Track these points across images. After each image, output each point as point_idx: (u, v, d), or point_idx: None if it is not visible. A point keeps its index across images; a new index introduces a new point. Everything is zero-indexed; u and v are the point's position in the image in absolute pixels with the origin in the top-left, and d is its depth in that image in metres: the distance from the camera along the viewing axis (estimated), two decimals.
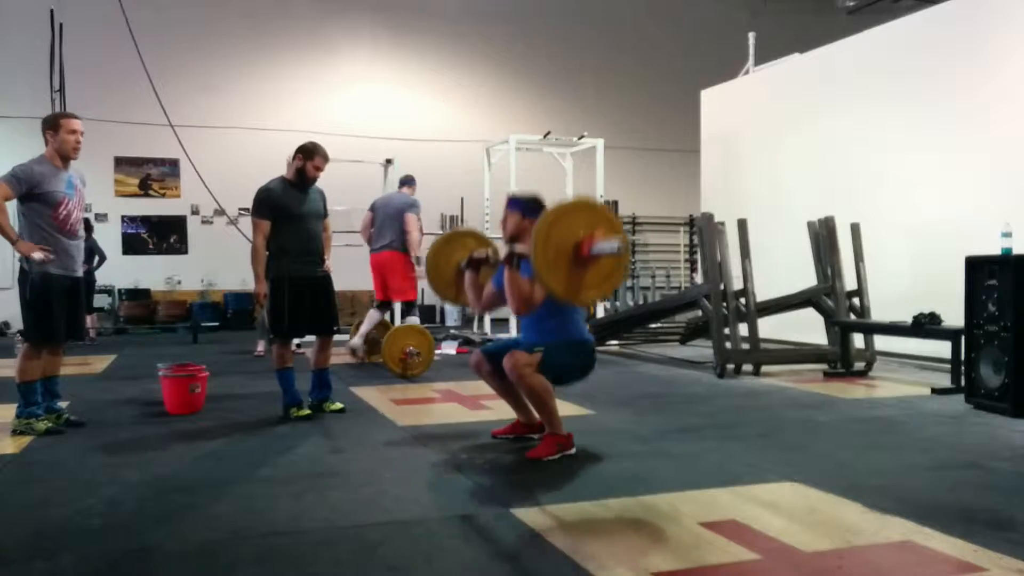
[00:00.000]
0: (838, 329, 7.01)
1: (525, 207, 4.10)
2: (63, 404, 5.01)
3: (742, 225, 7.13)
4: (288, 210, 5.03)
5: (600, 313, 11.39)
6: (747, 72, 10.41)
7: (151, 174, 13.41)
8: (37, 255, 4.49)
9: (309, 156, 5.07)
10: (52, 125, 4.64)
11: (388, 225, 7.71)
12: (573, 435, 4.08)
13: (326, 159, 5.12)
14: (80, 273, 4.81)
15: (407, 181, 8.21)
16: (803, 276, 7.60)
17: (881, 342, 7.27)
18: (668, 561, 2.60)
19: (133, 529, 2.99)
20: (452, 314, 13.64)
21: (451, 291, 4.61)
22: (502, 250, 4.11)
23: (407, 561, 2.64)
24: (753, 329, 6.96)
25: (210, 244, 13.41)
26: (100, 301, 11.96)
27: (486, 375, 4.27)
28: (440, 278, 4.59)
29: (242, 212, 10.95)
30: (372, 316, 7.82)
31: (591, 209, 3.87)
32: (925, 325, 6.12)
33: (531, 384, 3.93)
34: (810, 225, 7.51)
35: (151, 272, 13.29)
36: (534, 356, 3.94)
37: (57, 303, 4.60)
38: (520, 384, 3.97)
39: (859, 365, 6.98)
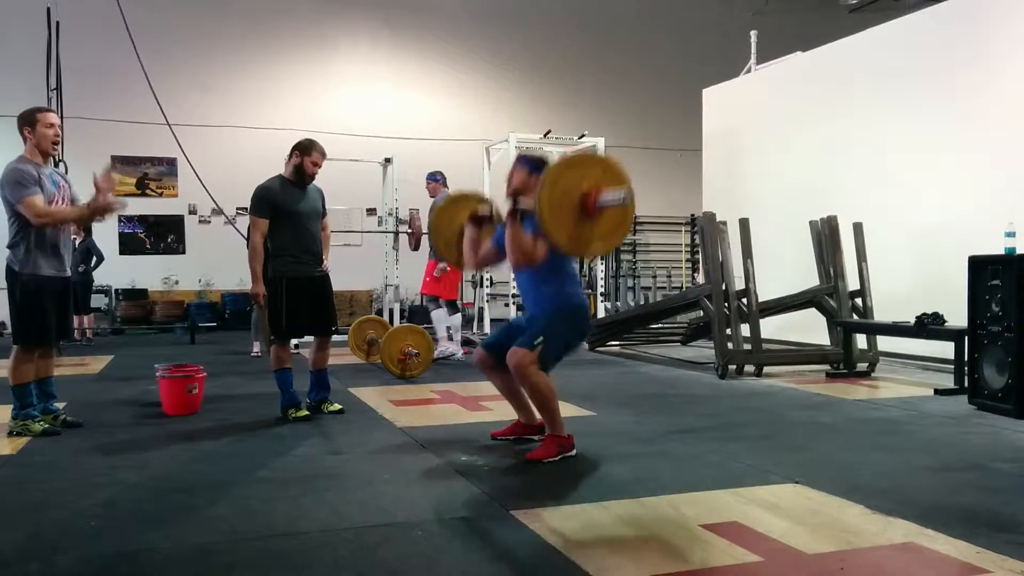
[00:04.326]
0: (840, 329, 6.99)
1: (533, 164, 4.10)
2: (60, 405, 4.98)
3: (744, 224, 7.10)
4: (287, 208, 5.00)
5: (601, 313, 11.37)
6: (749, 71, 10.39)
7: (148, 173, 13.39)
8: (117, 205, 4.55)
9: (306, 152, 5.04)
10: (29, 121, 4.56)
11: None
12: (573, 436, 4.06)
13: (323, 155, 5.10)
14: (69, 273, 4.76)
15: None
16: (805, 276, 7.58)
17: (884, 343, 7.25)
18: (669, 563, 2.58)
19: (130, 530, 2.97)
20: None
21: (452, 252, 4.61)
22: (504, 210, 4.11)
23: (406, 563, 2.61)
24: (755, 329, 6.93)
25: (208, 244, 13.38)
26: (97, 301, 11.93)
27: (489, 371, 4.26)
28: (442, 238, 4.61)
29: (240, 212, 10.91)
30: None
31: (596, 162, 3.89)
32: (928, 325, 6.10)
33: (535, 383, 3.92)
34: (812, 225, 7.48)
35: (148, 272, 13.27)
36: (536, 351, 3.91)
37: (48, 305, 4.55)
38: (524, 383, 3.97)
39: (862, 366, 6.96)
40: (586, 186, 3.73)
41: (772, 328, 8.09)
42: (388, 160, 10.70)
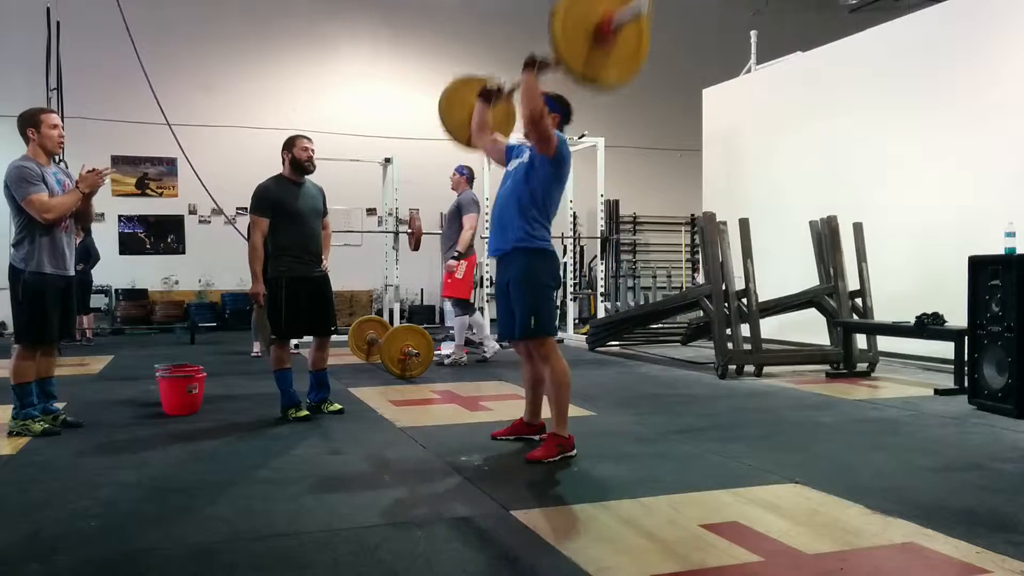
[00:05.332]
0: (840, 330, 6.99)
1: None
2: (60, 405, 4.98)
3: (744, 225, 7.10)
4: (287, 207, 5.00)
5: (601, 313, 11.38)
6: (749, 71, 10.38)
7: (148, 173, 13.38)
8: (102, 174, 4.59)
9: (291, 145, 5.09)
10: (33, 122, 4.58)
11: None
12: (574, 437, 4.06)
13: (309, 139, 5.14)
14: (72, 272, 4.78)
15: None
16: (805, 276, 7.58)
17: (884, 343, 7.25)
18: (669, 563, 2.58)
19: (130, 531, 2.97)
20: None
21: (463, 132, 4.59)
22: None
23: (406, 563, 2.61)
24: (755, 329, 6.93)
25: (207, 244, 13.37)
26: (97, 301, 11.93)
27: (525, 357, 4.31)
28: (452, 119, 4.60)
29: (240, 212, 10.92)
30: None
31: None
32: (928, 326, 6.09)
33: (555, 366, 4.04)
34: (812, 225, 7.49)
35: (148, 272, 13.26)
36: (543, 336, 4.04)
37: (51, 303, 4.56)
38: (545, 364, 4.06)
39: (862, 366, 6.96)
40: (601, 11, 3.66)
41: (772, 328, 8.09)
42: (388, 160, 10.71)
